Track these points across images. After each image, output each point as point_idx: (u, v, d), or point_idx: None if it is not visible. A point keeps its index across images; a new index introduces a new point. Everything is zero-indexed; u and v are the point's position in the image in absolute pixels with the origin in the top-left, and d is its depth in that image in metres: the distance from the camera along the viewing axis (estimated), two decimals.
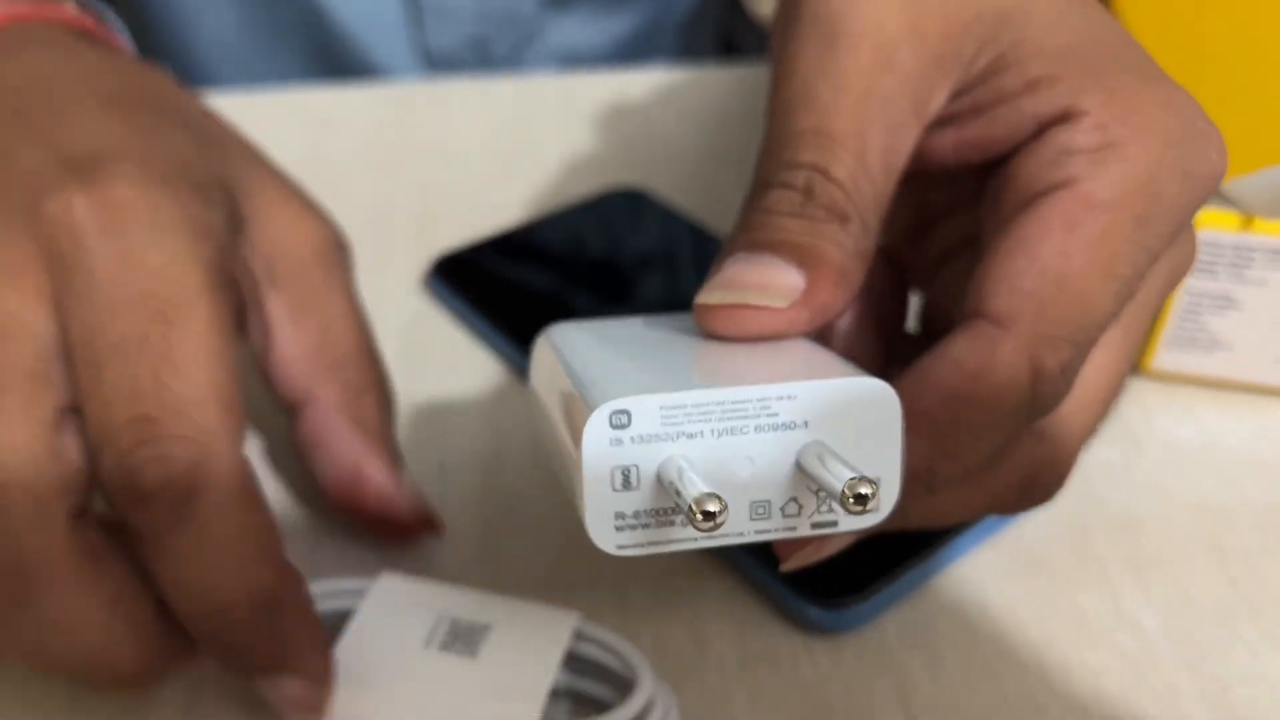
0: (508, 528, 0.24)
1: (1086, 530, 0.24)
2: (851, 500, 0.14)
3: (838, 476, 0.15)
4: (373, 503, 0.23)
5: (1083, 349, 0.17)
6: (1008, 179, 0.18)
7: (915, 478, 0.17)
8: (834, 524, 0.16)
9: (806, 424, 0.15)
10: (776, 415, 0.15)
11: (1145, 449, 0.26)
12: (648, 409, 0.15)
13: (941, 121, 0.19)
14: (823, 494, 0.16)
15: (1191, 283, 0.26)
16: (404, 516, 0.23)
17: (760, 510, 0.16)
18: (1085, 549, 0.23)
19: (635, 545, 0.15)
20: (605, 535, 0.15)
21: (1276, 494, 0.25)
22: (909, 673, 0.21)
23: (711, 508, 0.14)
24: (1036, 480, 0.19)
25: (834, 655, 0.21)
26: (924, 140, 0.19)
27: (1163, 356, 0.27)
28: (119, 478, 0.17)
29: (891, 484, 0.16)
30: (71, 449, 0.18)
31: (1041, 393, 0.17)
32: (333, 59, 0.46)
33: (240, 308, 0.21)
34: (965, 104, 0.18)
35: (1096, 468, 0.25)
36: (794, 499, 0.16)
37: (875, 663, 0.21)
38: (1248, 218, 0.25)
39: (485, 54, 0.46)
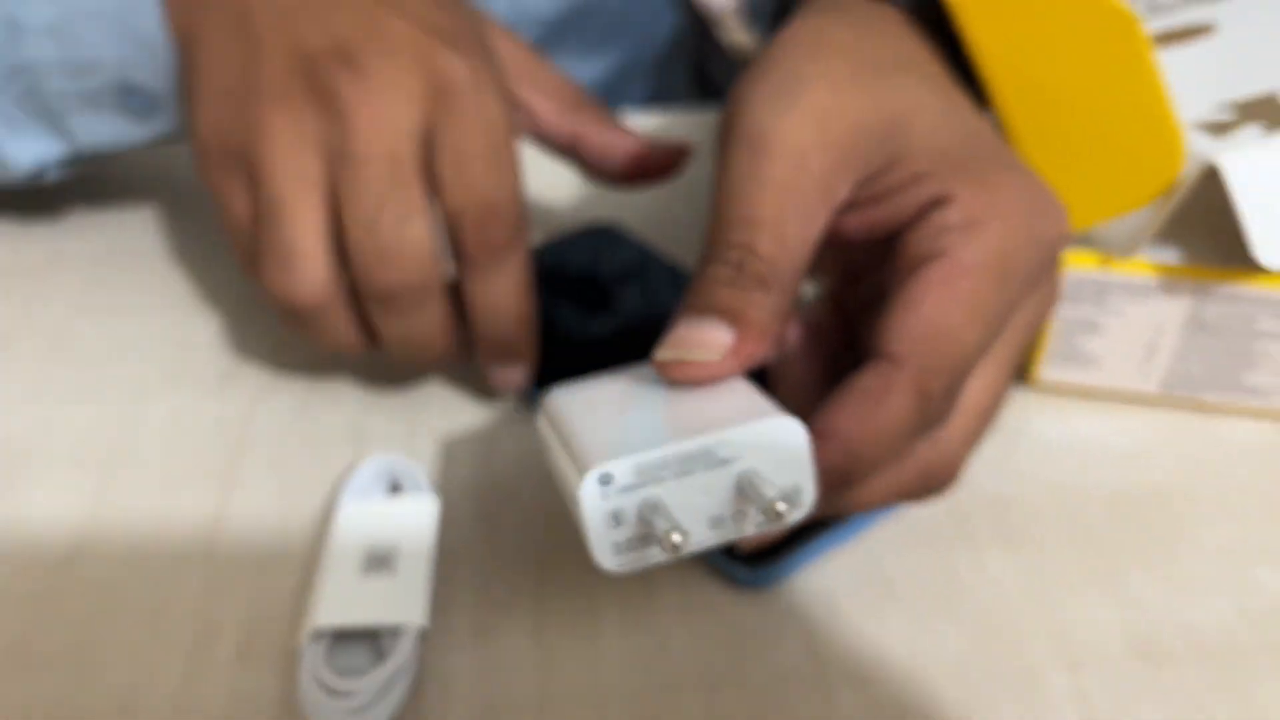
0: (505, 510, 0.30)
1: (966, 510, 0.29)
2: (772, 514, 0.20)
3: (763, 496, 0.20)
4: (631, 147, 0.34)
5: (958, 378, 0.23)
6: (900, 249, 0.23)
7: (836, 477, 0.22)
8: (769, 524, 0.22)
9: (741, 457, 0.21)
10: (718, 455, 0.21)
11: (1021, 444, 0.32)
12: (624, 468, 0.20)
13: (850, 206, 0.24)
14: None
15: (1065, 310, 0.31)
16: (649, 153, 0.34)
17: (716, 522, 0.21)
18: (963, 525, 0.29)
19: (628, 564, 0.21)
20: (606, 560, 0.21)
21: (1124, 480, 0.30)
22: (815, 620, 0.27)
23: (676, 539, 0.20)
24: (932, 476, 0.24)
25: (757, 606, 0.27)
26: (838, 221, 0.24)
27: (1045, 370, 0.33)
28: (474, 235, 0.28)
29: (809, 490, 0.21)
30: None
31: (927, 411, 0.22)
32: None
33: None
34: (866, 193, 0.24)
35: (979, 460, 0.31)
36: (740, 510, 0.21)
37: (789, 612, 0.27)
38: (1106, 257, 0.30)
39: None
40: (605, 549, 0.21)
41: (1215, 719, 0.25)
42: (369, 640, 0.25)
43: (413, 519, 0.28)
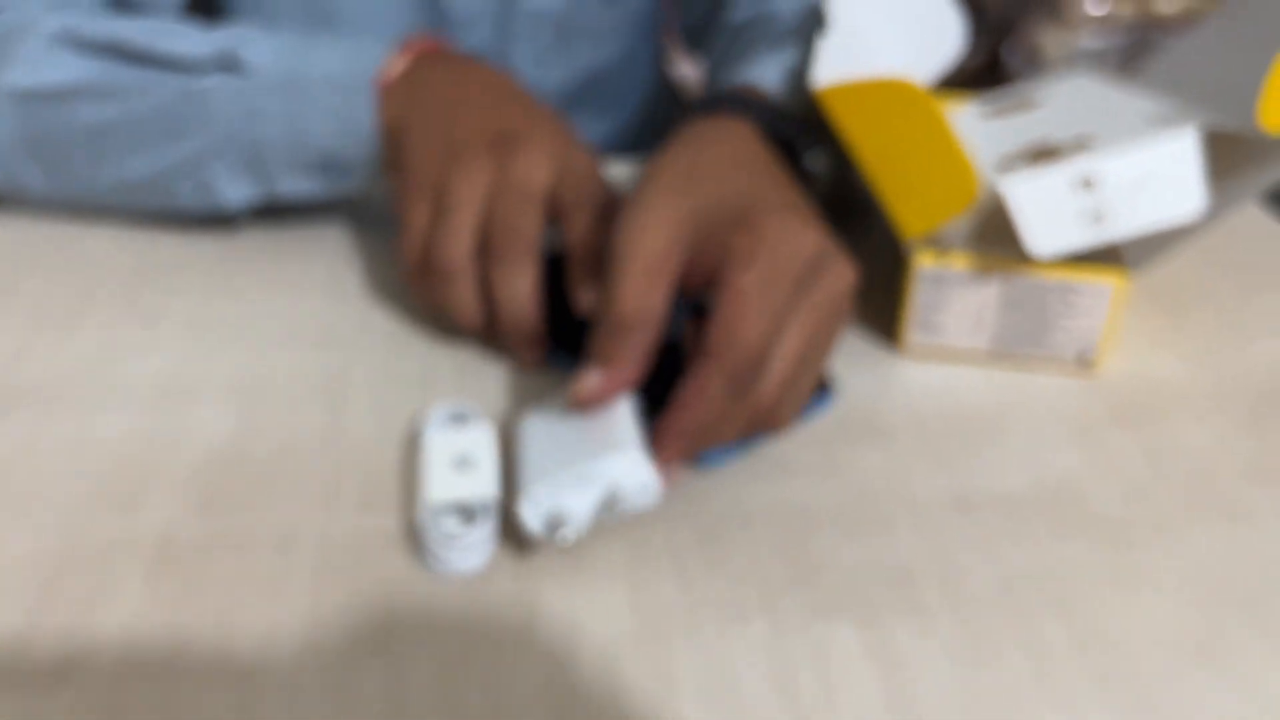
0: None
1: (852, 423, 0.43)
2: (629, 508, 0.36)
3: (621, 498, 0.35)
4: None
5: (754, 355, 0.35)
6: (714, 284, 0.37)
7: (688, 440, 0.36)
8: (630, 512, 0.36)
9: (609, 474, 0.35)
10: (594, 475, 0.35)
11: (892, 383, 0.46)
12: (541, 491, 0.35)
13: (688, 269, 0.37)
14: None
15: (920, 293, 0.46)
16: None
17: (603, 509, 0.36)
18: (849, 430, 0.43)
19: (559, 540, 0.35)
20: (548, 539, 0.35)
21: (960, 403, 0.44)
22: (681, 534, 0.40)
23: (570, 535, 0.35)
24: (765, 417, 0.37)
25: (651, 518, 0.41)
26: (689, 276, 0.37)
27: (909, 335, 0.47)
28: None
29: (652, 484, 0.36)
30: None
31: (739, 381, 0.35)
32: None
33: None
34: (700, 254, 0.37)
35: (863, 392, 0.45)
36: (615, 497, 0.36)
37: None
38: (943, 253, 0.45)
39: None
40: (547, 534, 0.36)
41: (1010, 557, 0.38)
42: (463, 512, 0.38)
43: (480, 436, 0.40)
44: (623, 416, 0.37)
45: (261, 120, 0.47)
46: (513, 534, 0.37)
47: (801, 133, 0.47)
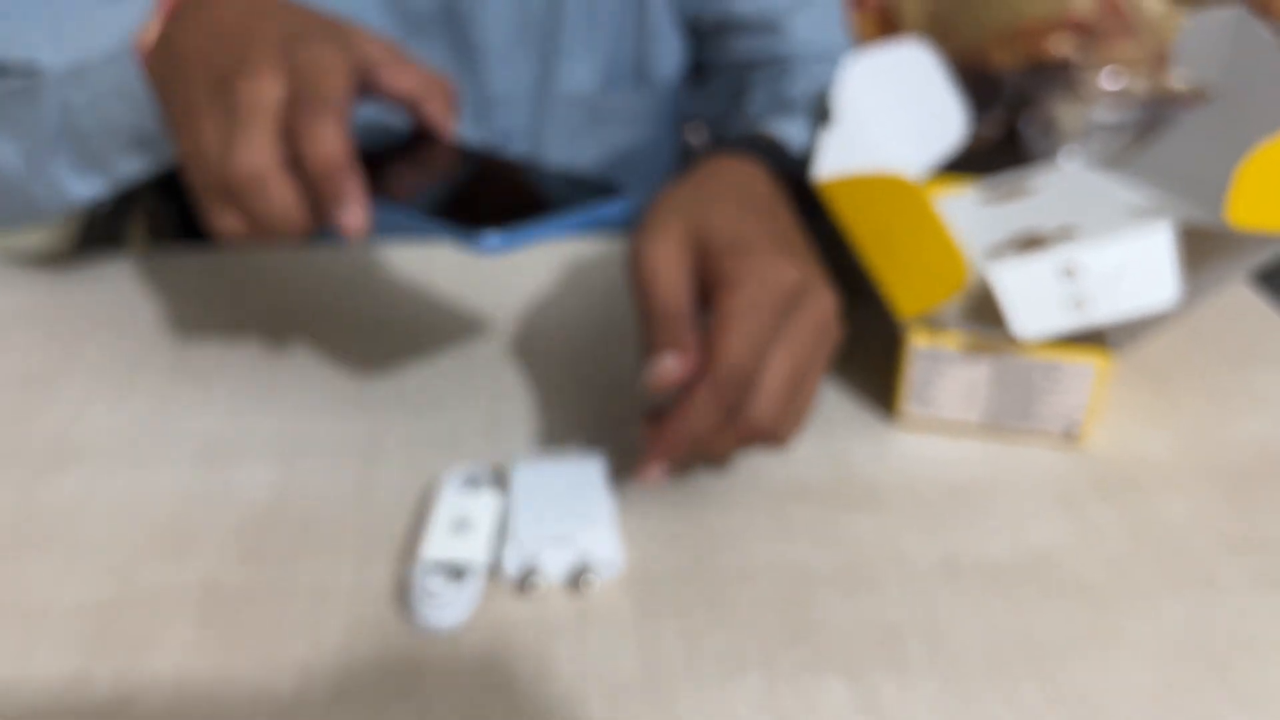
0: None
1: (848, 489, 0.46)
2: (589, 578, 0.41)
3: (589, 566, 0.40)
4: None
5: (741, 377, 0.38)
6: (706, 307, 0.41)
7: (679, 453, 0.40)
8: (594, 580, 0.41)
9: (584, 542, 0.40)
10: (570, 540, 0.40)
11: (890, 452, 0.49)
12: (524, 544, 0.40)
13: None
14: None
15: (915, 369, 0.49)
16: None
17: (572, 570, 0.41)
18: (846, 497, 0.46)
19: (527, 586, 0.40)
20: (519, 584, 0.40)
21: (951, 474, 0.47)
22: (686, 590, 0.43)
23: (539, 584, 0.41)
24: (757, 433, 0.40)
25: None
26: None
27: (906, 407, 0.50)
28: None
29: (617, 558, 0.41)
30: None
31: (728, 399, 0.39)
32: None
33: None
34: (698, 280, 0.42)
35: (860, 460, 0.48)
36: (584, 564, 0.40)
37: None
38: (936, 332, 0.48)
39: None
40: (512, 571, 0.40)
41: (993, 618, 0.41)
42: (451, 572, 0.41)
43: (486, 502, 0.43)
44: (600, 491, 0.43)
45: (74, 111, 0.48)
46: (527, 590, 0.41)
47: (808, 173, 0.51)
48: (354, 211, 0.39)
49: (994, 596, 0.41)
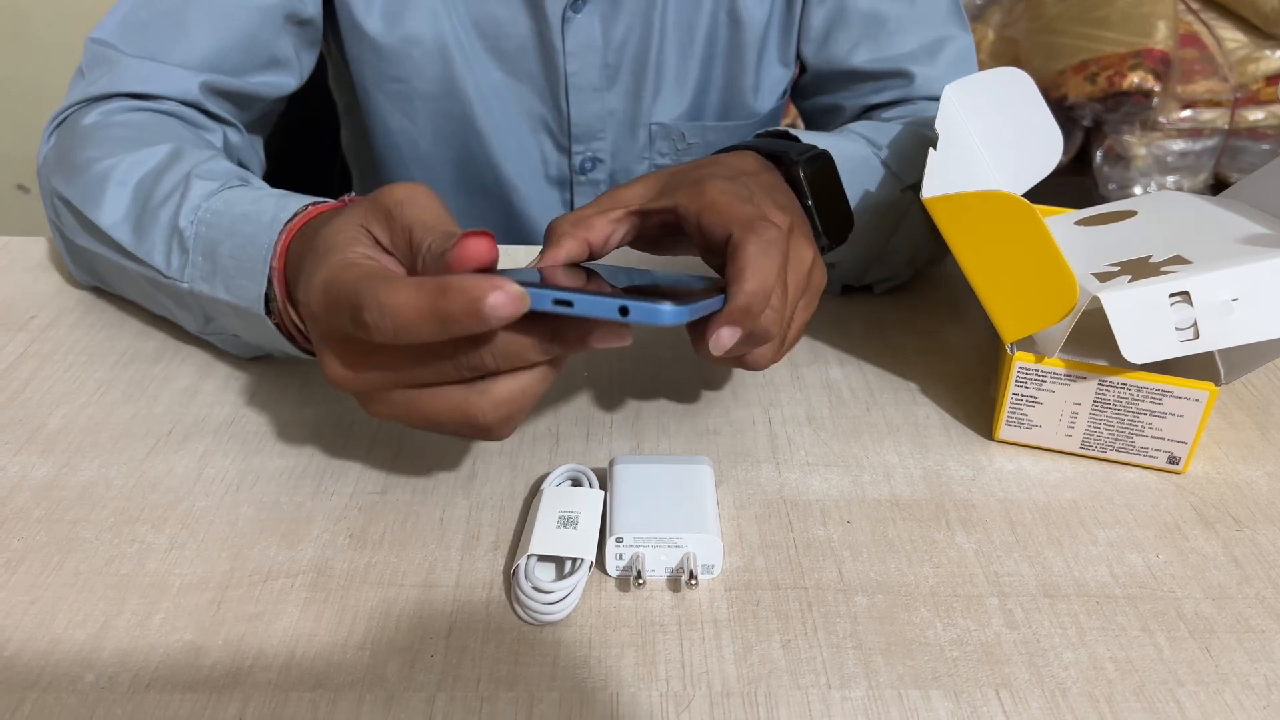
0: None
1: (946, 511, 0.46)
2: (694, 577, 0.40)
3: (690, 569, 0.40)
4: None
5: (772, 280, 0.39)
6: (731, 247, 0.40)
7: (754, 310, 0.39)
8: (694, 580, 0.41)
9: (686, 546, 0.41)
10: (675, 541, 0.41)
11: (985, 474, 0.48)
12: (628, 543, 0.40)
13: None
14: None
15: (1016, 390, 0.49)
16: None
17: (673, 571, 0.41)
18: (943, 518, 0.46)
19: (632, 582, 0.41)
20: (611, 571, 0.41)
21: (1049, 499, 0.47)
22: (787, 601, 0.43)
23: (640, 584, 0.40)
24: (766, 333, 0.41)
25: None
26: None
27: (1003, 432, 0.50)
28: None
29: (718, 562, 0.42)
30: None
31: (750, 328, 0.39)
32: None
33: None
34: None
35: (957, 479, 0.47)
36: (685, 566, 0.41)
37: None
38: (1040, 356, 0.48)
39: None
40: (612, 568, 0.41)
41: (1088, 637, 0.41)
42: (557, 566, 0.42)
43: (589, 500, 0.44)
44: (709, 496, 0.43)
45: (216, 321, 0.51)
46: (632, 587, 0.41)
47: (793, 148, 0.52)
48: (496, 294, 0.34)
49: (1095, 622, 0.41)
